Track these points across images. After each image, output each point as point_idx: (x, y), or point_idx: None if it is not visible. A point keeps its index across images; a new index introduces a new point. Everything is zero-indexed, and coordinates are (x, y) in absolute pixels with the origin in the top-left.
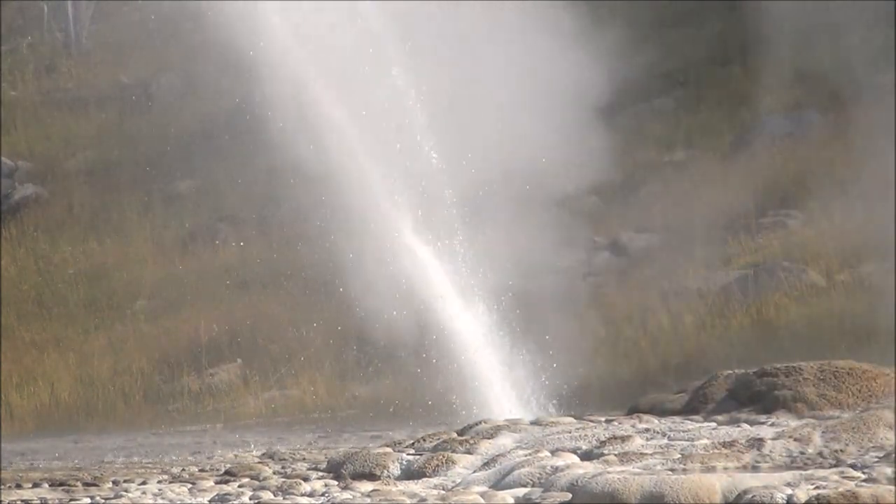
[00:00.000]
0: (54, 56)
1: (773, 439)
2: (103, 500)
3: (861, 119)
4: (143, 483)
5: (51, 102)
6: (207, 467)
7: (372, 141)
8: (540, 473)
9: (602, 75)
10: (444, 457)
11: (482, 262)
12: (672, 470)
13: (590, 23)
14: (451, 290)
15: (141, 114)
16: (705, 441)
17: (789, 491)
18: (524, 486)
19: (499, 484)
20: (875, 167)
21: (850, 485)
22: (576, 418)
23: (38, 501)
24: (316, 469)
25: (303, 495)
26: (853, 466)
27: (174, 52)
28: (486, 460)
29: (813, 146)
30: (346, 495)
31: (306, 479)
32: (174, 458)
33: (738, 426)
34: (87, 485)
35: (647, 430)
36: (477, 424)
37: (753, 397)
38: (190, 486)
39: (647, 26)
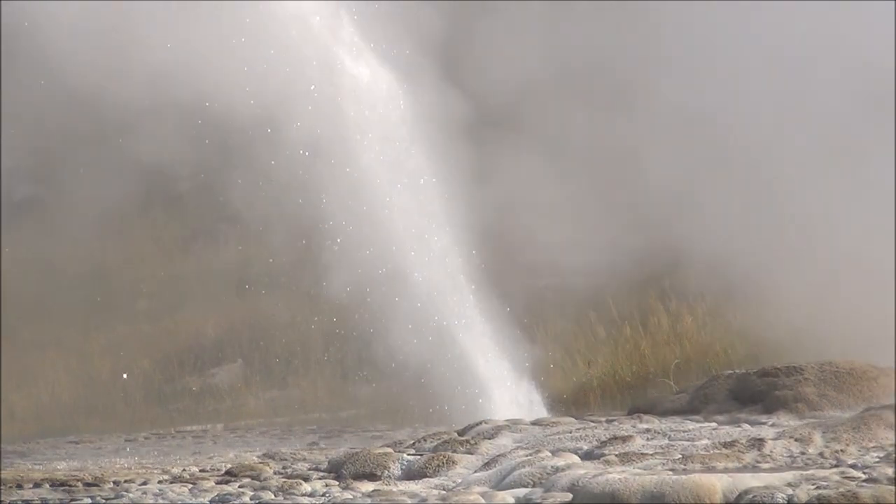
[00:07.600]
0: None
1: (774, 439)
2: (104, 500)
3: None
4: (144, 483)
5: None
6: (208, 467)
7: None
8: (540, 474)
9: None
10: (444, 457)
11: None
12: (673, 470)
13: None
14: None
15: None
16: (706, 441)
17: (790, 491)
18: (525, 486)
19: (499, 484)
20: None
21: (851, 485)
22: (576, 418)
23: (39, 501)
24: (317, 469)
25: (303, 495)
26: (854, 466)
27: None
28: (486, 460)
29: None
30: (347, 495)
31: (307, 480)
32: (175, 458)
33: (739, 426)
34: (87, 485)
35: (647, 430)
36: (477, 425)
37: (754, 397)
38: (191, 486)
39: None
